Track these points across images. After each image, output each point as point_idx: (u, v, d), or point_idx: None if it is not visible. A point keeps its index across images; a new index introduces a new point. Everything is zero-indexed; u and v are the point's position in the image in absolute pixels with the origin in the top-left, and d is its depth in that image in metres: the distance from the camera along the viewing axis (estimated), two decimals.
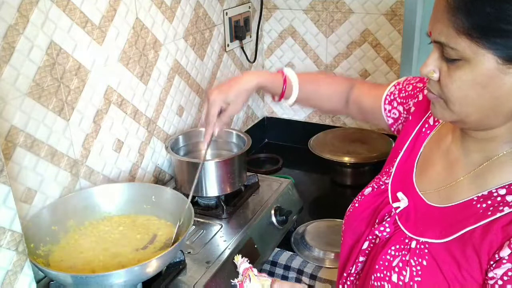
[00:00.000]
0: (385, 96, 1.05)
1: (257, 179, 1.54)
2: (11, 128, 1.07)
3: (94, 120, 1.29)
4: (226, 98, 1.05)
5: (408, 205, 0.87)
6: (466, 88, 0.71)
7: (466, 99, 0.72)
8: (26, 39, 1.06)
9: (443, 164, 0.87)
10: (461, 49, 0.69)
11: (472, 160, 0.81)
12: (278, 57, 2.07)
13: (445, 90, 0.74)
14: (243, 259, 0.95)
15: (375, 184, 0.97)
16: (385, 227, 0.86)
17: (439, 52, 0.74)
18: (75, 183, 1.26)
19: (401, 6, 1.77)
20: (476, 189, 0.78)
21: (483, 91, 0.71)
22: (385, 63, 1.87)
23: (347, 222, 0.98)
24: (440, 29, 0.72)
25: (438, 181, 0.85)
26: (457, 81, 0.72)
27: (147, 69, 1.45)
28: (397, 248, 0.83)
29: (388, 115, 1.05)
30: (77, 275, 0.99)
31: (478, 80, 0.70)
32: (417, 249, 0.80)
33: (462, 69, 0.71)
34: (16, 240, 0.81)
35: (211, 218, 1.37)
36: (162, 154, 1.57)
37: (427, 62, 0.76)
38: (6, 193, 0.78)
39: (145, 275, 1.04)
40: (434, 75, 0.75)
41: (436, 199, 0.84)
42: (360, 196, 0.99)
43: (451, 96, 0.74)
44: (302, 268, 1.36)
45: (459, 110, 0.74)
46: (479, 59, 0.69)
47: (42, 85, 1.12)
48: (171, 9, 1.50)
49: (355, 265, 0.93)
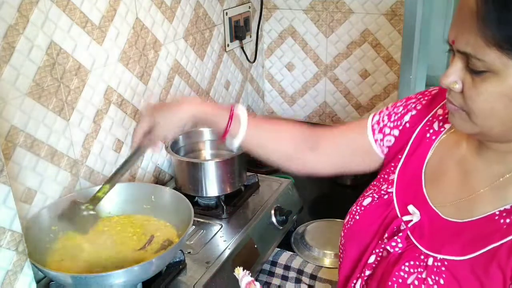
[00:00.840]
0: (370, 127, 0.96)
1: (257, 179, 1.54)
2: (11, 128, 1.07)
3: (94, 120, 1.29)
4: (156, 118, 0.97)
5: (420, 219, 0.83)
6: (493, 100, 0.68)
7: (491, 112, 0.70)
8: (26, 39, 1.06)
9: (458, 175, 0.83)
10: (490, 61, 0.66)
11: (492, 171, 0.78)
12: (278, 57, 2.07)
13: (469, 102, 0.71)
14: (245, 272, 0.93)
15: (375, 193, 0.92)
16: (397, 242, 0.82)
17: (463, 63, 0.70)
18: (75, 183, 1.26)
19: (401, 6, 1.76)
20: (497, 202, 0.75)
21: (510, 104, 0.68)
22: (385, 63, 1.87)
23: (348, 235, 0.93)
24: (467, 39, 0.68)
25: (454, 193, 0.81)
26: (483, 94, 0.69)
27: (147, 69, 1.45)
28: (412, 264, 0.79)
29: (382, 144, 0.96)
30: (76, 275, 0.99)
31: (506, 93, 0.67)
32: (435, 266, 0.76)
33: (489, 81, 0.68)
34: (16, 240, 0.81)
35: (211, 218, 1.37)
36: (162, 154, 1.57)
37: (448, 72, 0.72)
38: (6, 193, 0.78)
39: (145, 275, 1.04)
40: (456, 86, 0.72)
41: (453, 213, 0.80)
42: (358, 207, 0.93)
43: (476, 109, 0.70)
44: (302, 268, 1.36)
45: (482, 123, 0.72)
46: (509, 72, 0.66)
47: (42, 85, 1.12)
48: (171, 9, 1.50)
49: (361, 279, 0.88)
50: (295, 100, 2.11)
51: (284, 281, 1.37)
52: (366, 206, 0.91)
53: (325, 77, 2.00)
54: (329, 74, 1.99)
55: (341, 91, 2.00)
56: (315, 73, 2.02)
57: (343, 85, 1.98)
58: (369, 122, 0.97)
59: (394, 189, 0.89)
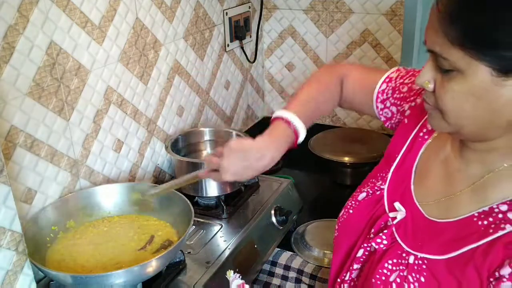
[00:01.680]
0: (376, 94, 1.02)
1: (257, 179, 1.54)
2: (11, 128, 1.07)
3: (94, 120, 1.29)
4: (238, 179, 0.99)
5: (405, 217, 0.85)
6: (460, 99, 0.70)
7: (460, 111, 0.71)
8: (26, 39, 1.06)
9: (442, 174, 0.84)
10: (455, 60, 0.67)
11: (472, 172, 0.79)
12: (278, 57, 2.06)
13: (439, 101, 0.72)
14: (235, 275, 0.95)
15: (369, 189, 0.94)
16: (382, 239, 0.84)
17: (434, 62, 0.72)
18: (75, 183, 1.26)
19: (401, 6, 1.76)
20: (476, 203, 0.76)
21: (478, 103, 0.69)
22: (385, 63, 1.87)
23: (341, 228, 0.96)
24: (434, 39, 0.70)
25: (437, 192, 0.83)
26: (450, 93, 0.70)
27: (147, 69, 1.45)
28: (394, 262, 0.81)
29: (381, 113, 1.03)
30: (76, 275, 0.99)
31: (472, 92, 0.68)
32: (415, 264, 0.78)
33: (456, 80, 0.69)
34: (16, 240, 0.82)
35: (211, 218, 1.37)
36: (162, 154, 1.57)
37: (422, 72, 0.74)
38: (6, 193, 0.78)
39: (145, 275, 1.04)
40: (430, 86, 0.73)
41: (435, 212, 0.82)
42: (354, 201, 0.95)
43: (445, 108, 0.72)
44: (302, 268, 1.36)
45: (454, 122, 0.73)
46: (473, 71, 0.67)
47: (42, 85, 1.12)
48: (171, 9, 1.50)
49: (349, 272, 0.91)
50: None
51: (284, 281, 1.38)
52: (361, 200, 0.94)
53: None
54: None
55: None
56: None
57: None
58: (376, 88, 1.03)
59: (386, 186, 0.91)
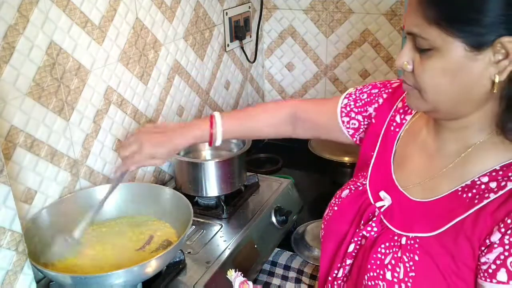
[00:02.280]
0: (339, 109, 1.03)
1: (257, 179, 1.54)
2: (11, 128, 1.07)
3: (94, 120, 1.29)
4: (156, 152, 1.02)
5: (392, 203, 0.88)
6: (438, 76, 0.74)
7: (438, 87, 0.75)
8: (26, 39, 1.06)
9: (422, 157, 0.88)
10: (432, 39, 0.72)
11: (450, 150, 0.83)
12: (278, 57, 2.06)
13: (418, 79, 0.76)
14: (237, 273, 0.96)
15: (351, 185, 0.97)
16: (372, 227, 0.87)
17: (412, 44, 0.76)
18: (75, 183, 1.26)
19: (401, 6, 1.76)
20: (458, 179, 0.80)
21: (454, 79, 0.73)
22: (385, 63, 1.87)
23: (327, 226, 0.98)
24: (412, 20, 0.74)
25: (419, 175, 0.86)
26: (429, 70, 0.74)
27: (147, 69, 1.45)
28: (387, 246, 0.84)
29: (348, 126, 1.03)
30: (76, 276, 0.99)
31: (448, 68, 0.72)
32: (408, 244, 0.81)
33: (433, 58, 0.73)
34: (16, 240, 0.82)
35: (211, 218, 1.37)
36: None
37: (401, 54, 0.78)
38: (6, 193, 0.78)
39: (145, 275, 1.04)
40: (408, 67, 0.77)
41: (419, 194, 0.85)
42: (337, 199, 0.98)
43: (424, 85, 0.76)
44: (302, 268, 1.36)
45: (432, 98, 0.76)
46: (449, 48, 0.71)
47: (42, 85, 1.12)
48: (171, 9, 1.50)
49: (342, 268, 0.92)
50: None
51: (284, 281, 1.37)
52: (344, 197, 0.97)
53: (325, 77, 2.00)
54: (329, 74, 1.99)
55: (341, 91, 1.99)
56: (315, 73, 2.02)
57: (343, 85, 1.98)
58: (339, 104, 1.04)
59: (367, 181, 0.95)
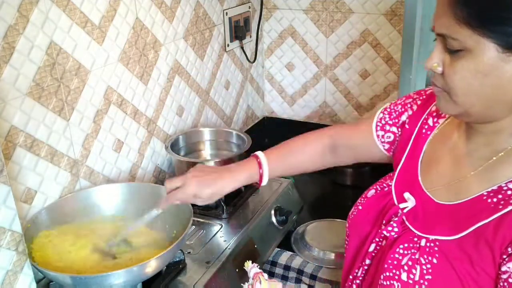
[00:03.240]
0: (375, 124, 1.03)
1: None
2: (11, 128, 1.07)
3: (94, 120, 1.29)
4: (200, 193, 1.03)
5: (415, 205, 0.87)
6: (469, 78, 0.72)
7: (468, 89, 0.73)
8: (26, 39, 1.06)
9: (450, 160, 0.86)
10: (463, 39, 0.70)
11: (480, 154, 0.81)
12: (278, 57, 2.06)
13: (448, 81, 0.75)
14: (253, 264, 0.97)
15: (378, 186, 0.97)
16: (393, 227, 0.86)
17: (442, 45, 0.75)
18: (75, 183, 1.26)
19: (401, 6, 1.76)
20: (485, 184, 0.78)
21: (485, 81, 0.71)
22: (385, 63, 1.87)
23: (351, 225, 0.98)
24: (442, 22, 0.73)
25: (446, 177, 0.85)
26: (459, 72, 0.73)
27: (147, 69, 1.45)
28: (406, 247, 0.83)
29: (383, 140, 1.02)
30: (76, 276, 0.99)
31: (479, 69, 0.71)
32: (427, 247, 0.80)
33: (464, 59, 0.72)
34: (16, 240, 0.82)
35: (211, 218, 1.37)
36: (162, 154, 1.57)
37: (431, 56, 0.76)
38: (6, 193, 0.78)
39: (145, 275, 1.04)
40: (438, 68, 0.76)
41: (444, 196, 0.84)
42: (363, 198, 0.98)
43: (454, 87, 0.74)
44: (302, 268, 1.36)
45: (462, 101, 0.75)
46: (480, 48, 0.70)
47: (42, 85, 1.12)
48: (171, 9, 1.50)
49: (362, 268, 0.92)
50: (295, 100, 2.11)
51: (284, 281, 1.37)
52: (369, 197, 0.96)
53: (325, 77, 2.00)
54: (329, 74, 1.99)
55: (341, 91, 1.99)
56: (315, 73, 2.02)
57: (343, 85, 1.98)
58: (374, 120, 1.04)
59: (393, 182, 0.94)
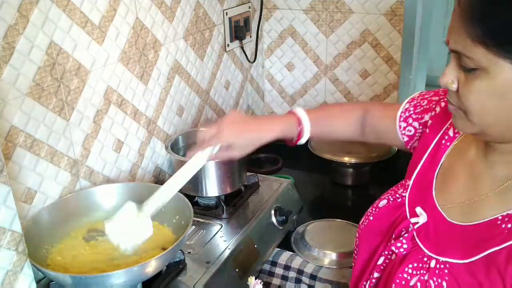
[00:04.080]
0: (399, 113, 1.01)
1: (257, 179, 1.54)
2: (11, 128, 1.07)
3: (94, 120, 1.29)
4: (236, 141, 1.01)
5: (427, 221, 0.84)
6: (484, 98, 0.69)
7: (484, 110, 0.70)
8: (26, 39, 1.06)
9: (466, 178, 0.83)
10: (478, 58, 0.67)
11: (497, 174, 0.78)
12: (278, 57, 2.06)
13: (463, 100, 0.71)
14: (257, 280, 0.96)
15: (390, 196, 0.94)
16: (402, 243, 0.83)
17: (457, 62, 0.71)
18: (75, 183, 1.26)
19: (401, 6, 1.76)
20: (501, 207, 0.75)
21: (502, 102, 0.68)
22: (385, 63, 1.87)
23: (361, 236, 0.95)
24: (456, 38, 0.69)
25: (461, 195, 0.82)
26: (474, 91, 0.69)
27: (147, 69, 1.45)
28: (415, 266, 0.80)
29: (403, 132, 1.00)
30: (76, 276, 0.99)
31: (496, 90, 0.68)
32: (437, 269, 0.77)
33: (480, 78, 0.68)
34: (16, 240, 0.82)
35: (211, 218, 1.37)
36: (162, 154, 1.57)
37: (445, 72, 0.73)
38: (6, 193, 0.78)
39: (145, 275, 1.04)
40: (453, 86, 0.72)
41: (458, 216, 0.80)
42: (374, 208, 0.95)
43: (469, 107, 0.71)
44: (302, 268, 1.36)
45: (478, 121, 0.72)
46: (497, 69, 0.66)
47: (42, 85, 1.12)
48: (171, 9, 1.50)
49: (369, 281, 0.90)
50: (295, 100, 2.11)
51: (284, 281, 1.37)
52: (381, 207, 0.93)
53: (325, 77, 2.00)
54: (329, 74, 1.99)
55: (341, 91, 1.99)
56: (315, 73, 2.02)
57: (343, 85, 1.98)
58: (400, 110, 1.02)
59: (407, 193, 0.90)
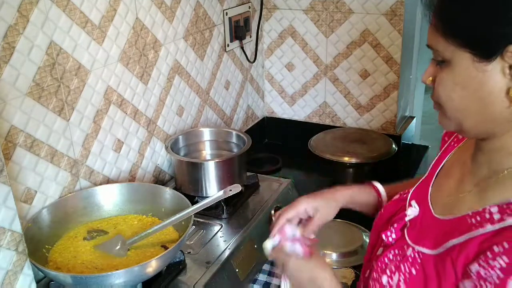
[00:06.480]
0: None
1: (257, 179, 1.54)
2: (11, 128, 1.07)
3: (94, 120, 1.29)
4: (314, 202, 1.04)
5: (418, 214, 0.87)
6: (449, 89, 0.71)
7: (452, 102, 0.72)
8: (26, 39, 1.06)
9: (457, 177, 0.85)
10: (442, 50, 0.70)
11: (480, 173, 0.79)
12: (278, 57, 2.06)
13: (435, 94, 0.74)
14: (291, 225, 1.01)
15: (403, 192, 0.98)
16: (391, 232, 0.87)
17: (434, 58, 0.75)
18: (75, 183, 1.26)
19: (401, 6, 1.76)
20: (475, 204, 0.76)
21: (465, 93, 0.70)
22: (385, 63, 1.87)
23: (373, 227, 1.00)
24: (429, 33, 0.74)
25: (448, 192, 0.85)
26: (441, 84, 0.72)
27: (147, 69, 1.45)
28: (396, 253, 0.84)
29: None
30: (76, 275, 0.99)
31: (456, 80, 0.70)
32: (410, 256, 0.80)
33: (445, 71, 0.71)
34: (16, 240, 0.82)
35: (211, 218, 1.37)
36: (162, 154, 1.57)
37: (427, 69, 0.76)
38: (6, 193, 0.78)
39: (145, 275, 1.04)
40: (430, 80, 0.75)
41: (441, 211, 0.83)
42: (388, 202, 1.01)
43: (439, 99, 0.73)
44: None
45: (451, 115, 0.74)
46: (456, 59, 0.69)
47: (42, 85, 1.12)
48: (171, 9, 1.50)
49: (369, 270, 0.93)
50: (295, 100, 2.11)
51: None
52: (392, 200, 0.98)
53: (325, 77, 2.00)
54: (329, 74, 1.99)
55: (341, 91, 1.99)
56: (315, 73, 2.02)
57: (343, 85, 1.98)
58: None
59: (414, 188, 0.94)
